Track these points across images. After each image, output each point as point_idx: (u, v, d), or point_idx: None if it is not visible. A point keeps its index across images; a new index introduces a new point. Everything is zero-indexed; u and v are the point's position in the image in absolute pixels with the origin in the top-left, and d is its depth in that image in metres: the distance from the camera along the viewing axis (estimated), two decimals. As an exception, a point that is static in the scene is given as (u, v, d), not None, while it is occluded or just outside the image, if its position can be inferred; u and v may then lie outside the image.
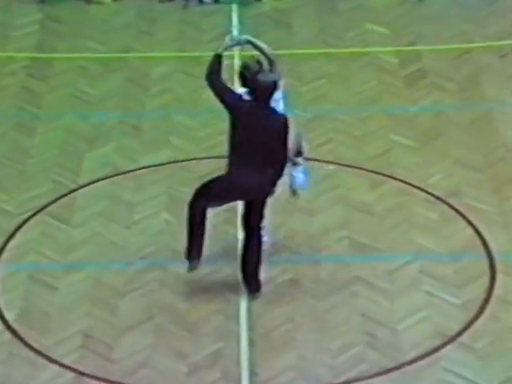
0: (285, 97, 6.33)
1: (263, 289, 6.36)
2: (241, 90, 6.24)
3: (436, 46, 9.02)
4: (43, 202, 7.19)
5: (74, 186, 7.40)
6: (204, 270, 6.53)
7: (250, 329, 6.15)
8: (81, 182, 7.46)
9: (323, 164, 7.50)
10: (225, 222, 6.92)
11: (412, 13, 9.50)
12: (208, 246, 6.76)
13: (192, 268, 6.20)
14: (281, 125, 6.05)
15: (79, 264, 6.68)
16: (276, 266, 6.59)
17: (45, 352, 5.98)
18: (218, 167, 6.71)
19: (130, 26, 9.41)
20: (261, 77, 6.05)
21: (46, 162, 7.63)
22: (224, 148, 6.33)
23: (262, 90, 6.01)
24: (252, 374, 5.87)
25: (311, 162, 7.31)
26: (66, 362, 5.95)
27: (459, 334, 6.10)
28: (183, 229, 7.00)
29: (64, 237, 6.93)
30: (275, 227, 6.70)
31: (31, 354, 5.99)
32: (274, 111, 6.11)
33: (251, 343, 6.06)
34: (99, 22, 9.44)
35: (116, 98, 8.43)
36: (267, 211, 6.32)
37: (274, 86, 6.05)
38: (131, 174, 7.53)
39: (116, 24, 9.44)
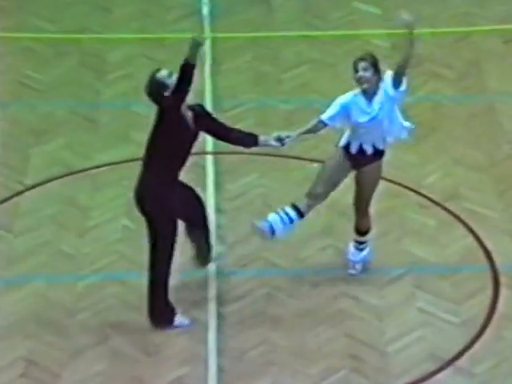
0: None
1: (235, 306, 6.30)
2: None
3: (433, 28, 9.03)
4: (-17, 205, 7.16)
5: (18, 188, 7.32)
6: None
7: (220, 352, 6.11)
8: (27, 182, 7.38)
9: (305, 162, 7.47)
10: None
11: (406, -10, 9.51)
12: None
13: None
14: None
15: (23, 278, 6.60)
16: (250, 280, 6.55)
17: (-22, 382, 5.97)
18: (185, 165, 6.65)
19: (84, 1, 9.35)
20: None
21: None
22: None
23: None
24: (221, 404, 5.86)
25: (292, 161, 7.26)
26: (3, 393, 5.94)
27: (457, 357, 6.09)
28: (144, 236, 6.95)
29: (5, 246, 6.85)
30: (248, 234, 6.65)
31: (-37, 385, 5.97)
32: None
33: (220, 369, 6.01)
34: (49, -3, 9.39)
35: (68, 86, 8.36)
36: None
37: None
38: (85, 173, 7.48)
39: (68, -1, 9.39)
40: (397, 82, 6.33)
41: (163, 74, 6.00)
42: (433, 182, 7.40)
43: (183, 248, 6.45)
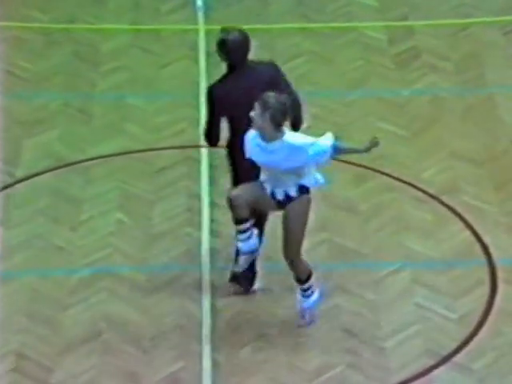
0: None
1: (230, 301, 6.31)
2: None
3: (431, 20, 9.05)
4: (-28, 198, 7.15)
5: (10, 180, 7.30)
6: (161, 278, 6.49)
7: (214, 348, 6.10)
8: (18, 174, 7.36)
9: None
10: (187, 225, 6.89)
11: (404, -18, 9.52)
12: (166, 250, 6.72)
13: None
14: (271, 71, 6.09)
15: (14, 272, 6.59)
16: (245, 274, 6.56)
17: (-31, 376, 5.97)
18: (179, 159, 6.67)
19: (77, -8, 9.38)
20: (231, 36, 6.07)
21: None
22: (187, 137, 6.28)
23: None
24: (216, 399, 5.86)
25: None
26: (-4, 387, 5.94)
27: (455, 352, 6.09)
28: (138, 230, 6.95)
29: (-3, 240, 6.89)
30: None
31: (-46, 379, 5.97)
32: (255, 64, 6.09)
33: (215, 364, 6.01)
34: (40, -14, 9.36)
35: (60, 77, 8.35)
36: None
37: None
38: (78, 165, 7.46)
39: (60, -12, 9.38)
40: (324, 156, 5.79)
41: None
42: (430, 175, 7.41)
43: (175, 243, 6.46)
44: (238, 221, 5.90)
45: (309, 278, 6.14)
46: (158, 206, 7.03)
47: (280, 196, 5.92)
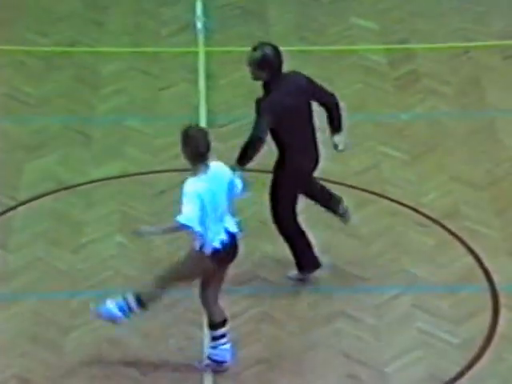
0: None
1: (231, 325, 6.32)
2: None
3: (431, 44, 9.12)
4: (-27, 221, 7.19)
5: (11, 203, 7.36)
6: (162, 301, 6.52)
7: (216, 371, 6.14)
8: (19, 197, 7.42)
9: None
10: (187, 246, 6.91)
11: (404, 6, 9.61)
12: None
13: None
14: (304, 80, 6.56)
15: (16, 295, 6.63)
16: (246, 298, 6.60)
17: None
18: (178, 181, 6.71)
19: (77, 14, 9.41)
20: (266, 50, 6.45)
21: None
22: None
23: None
24: (217, 424, 5.91)
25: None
26: (-3, 412, 5.98)
27: (457, 378, 6.13)
28: (138, 253, 7.00)
29: (-1, 262, 6.93)
30: (245, 253, 6.72)
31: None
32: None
33: (217, 388, 6.09)
34: (40, 10, 9.43)
35: (60, 100, 8.42)
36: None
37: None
38: (78, 188, 7.53)
39: (60, 12, 9.42)
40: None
41: None
42: (431, 200, 7.45)
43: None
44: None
45: (219, 325, 6.02)
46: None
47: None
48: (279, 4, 9.62)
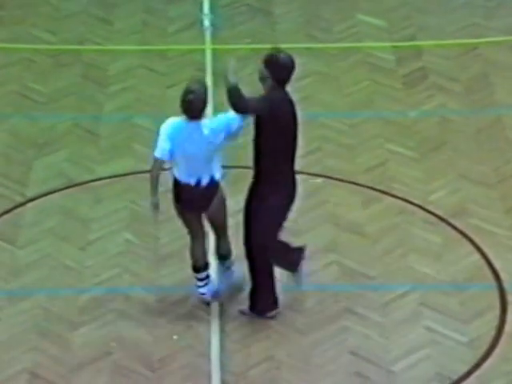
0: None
1: (238, 322, 6.39)
2: None
3: (439, 40, 9.09)
4: (-17, 217, 7.22)
5: (20, 200, 7.39)
6: (170, 298, 6.56)
7: (223, 368, 6.18)
8: (28, 194, 7.45)
9: (309, 177, 7.54)
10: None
11: (412, 3, 9.59)
12: (175, 270, 6.82)
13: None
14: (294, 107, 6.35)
15: (25, 291, 6.67)
16: (254, 295, 6.62)
17: (-19, 395, 6.05)
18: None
19: (85, 12, 9.42)
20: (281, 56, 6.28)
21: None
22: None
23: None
24: (225, 421, 5.94)
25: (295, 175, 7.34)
26: (7, 406, 6.02)
27: (465, 376, 6.13)
28: (146, 250, 7.03)
29: (8, 259, 6.93)
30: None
31: (-35, 398, 6.05)
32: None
33: (224, 385, 6.12)
34: (48, 8, 9.46)
35: (69, 98, 8.44)
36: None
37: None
38: (87, 185, 7.56)
39: (68, 10, 9.45)
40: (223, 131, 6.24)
41: None
42: (439, 197, 7.43)
43: (183, 264, 6.56)
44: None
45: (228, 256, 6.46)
46: (166, 226, 7.08)
47: (205, 181, 6.26)
48: (286, 1, 9.62)
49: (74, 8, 9.47)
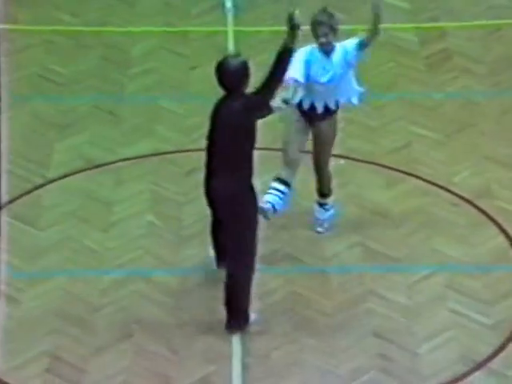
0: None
1: (260, 304, 6.32)
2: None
3: (463, 22, 9.01)
4: (4, 199, 7.12)
5: (41, 182, 7.35)
6: (192, 281, 6.50)
7: (245, 351, 6.12)
8: (49, 176, 7.41)
9: (332, 158, 7.46)
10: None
11: (435, -16, 9.50)
12: (197, 252, 6.74)
13: None
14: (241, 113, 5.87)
15: (46, 273, 6.63)
16: (276, 277, 6.55)
17: (4, 377, 5.94)
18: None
19: (106, -5, 9.43)
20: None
21: (8, 154, 7.56)
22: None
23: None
24: (247, 403, 5.87)
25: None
26: (28, 388, 5.96)
27: (490, 358, 6.07)
28: (168, 232, 6.96)
29: (29, 241, 6.88)
30: (275, 231, 6.66)
31: (-12, 379, 6.00)
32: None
33: (246, 368, 6.02)
34: (71, -11, 9.43)
35: (90, 80, 8.40)
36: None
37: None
38: (109, 167, 7.49)
39: (90, -8, 9.45)
40: (359, 51, 6.53)
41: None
42: (464, 179, 7.37)
43: (208, 244, 6.49)
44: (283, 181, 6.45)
45: (328, 194, 6.69)
46: (188, 207, 7.05)
47: (320, 108, 6.51)
48: (309, -17, 9.52)
49: (96, -11, 9.43)
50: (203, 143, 7.54)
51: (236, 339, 6.14)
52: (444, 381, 5.94)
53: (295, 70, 6.32)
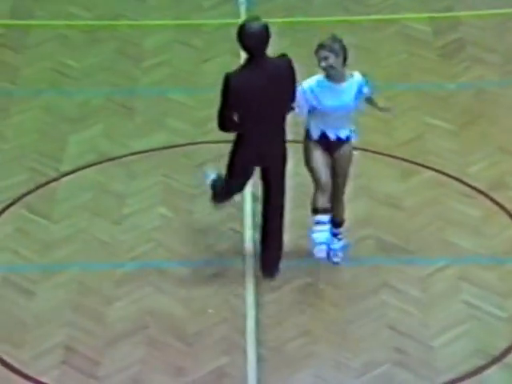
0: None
1: (274, 296, 6.30)
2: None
3: (477, 11, 8.95)
4: (18, 192, 7.14)
5: (54, 175, 7.35)
6: (205, 272, 6.50)
7: (259, 342, 6.11)
8: (63, 169, 7.42)
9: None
10: (229, 219, 6.88)
11: (448, -27, 9.44)
12: (210, 244, 6.74)
13: None
14: (286, 68, 6.17)
15: (60, 265, 6.64)
16: (290, 270, 6.54)
17: (20, 368, 5.96)
18: (221, 153, 6.67)
19: (120, -12, 9.42)
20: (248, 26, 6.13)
21: (22, 147, 7.60)
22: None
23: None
24: (261, 395, 5.86)
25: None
26: (44, 380, 5.91)
27: (505, 352, 6.02)
28: (181, 224, 6.95)
29: (43, 233, 6.89)
30: (288, 224, 6.64)
31: (4, 371, 5.96)
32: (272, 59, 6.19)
33: (260, 359, 6.01)
34: (84, -16, 9.43)
35: (103, 73, 8.40)
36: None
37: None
38: (121, 160, 7.50)
39: (103, -14, 9.44)
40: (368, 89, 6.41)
41: None
42: (477, 170, 7.33)
43: (221, 236, 6.49)
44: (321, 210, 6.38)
45: (341, 224, 6.60)
46: (200, 200, 7.03)
47: (332, 137, 6.39)
48: (321, -26, 9.49)
49: (109, -17, 9.43)
50: (215, 135, 7.57)
51: (250, 331, 6.12)
52: (459, 375, 5.90)
53: (299, 106, 6.30)
